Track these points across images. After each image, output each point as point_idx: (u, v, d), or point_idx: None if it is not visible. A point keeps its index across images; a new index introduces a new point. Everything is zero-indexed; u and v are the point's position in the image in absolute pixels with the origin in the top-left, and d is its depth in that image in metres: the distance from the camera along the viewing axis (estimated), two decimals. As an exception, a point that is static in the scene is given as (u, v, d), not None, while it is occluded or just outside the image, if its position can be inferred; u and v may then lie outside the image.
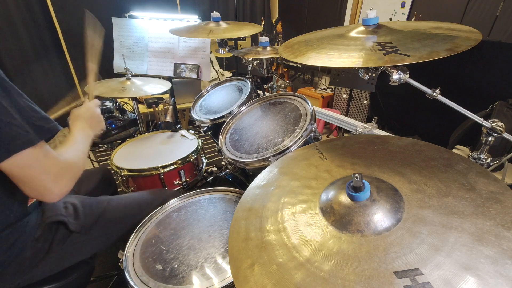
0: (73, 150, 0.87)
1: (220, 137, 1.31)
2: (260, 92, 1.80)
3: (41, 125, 0.71)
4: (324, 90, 3.92)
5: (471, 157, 0.87)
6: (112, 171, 1.43)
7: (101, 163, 2.73)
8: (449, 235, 0.51)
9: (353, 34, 0.85)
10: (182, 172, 1.45)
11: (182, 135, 1.71)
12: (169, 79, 2.18)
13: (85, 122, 0.99)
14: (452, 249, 0.49)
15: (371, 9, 0.85)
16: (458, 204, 0.56)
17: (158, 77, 2.07)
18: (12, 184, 0.70)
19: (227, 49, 1.78)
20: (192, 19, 2.97)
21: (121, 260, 0.89)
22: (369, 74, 0.93)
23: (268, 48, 1.59)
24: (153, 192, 1.23)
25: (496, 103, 1.81)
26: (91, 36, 1.21)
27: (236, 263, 0.57)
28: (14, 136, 0.65)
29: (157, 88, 1.79)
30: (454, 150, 1.88)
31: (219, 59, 3.78)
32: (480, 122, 0.80)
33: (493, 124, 0.79)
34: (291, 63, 4.34)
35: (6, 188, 0.75)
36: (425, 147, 0.75)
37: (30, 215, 0.86)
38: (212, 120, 1.48)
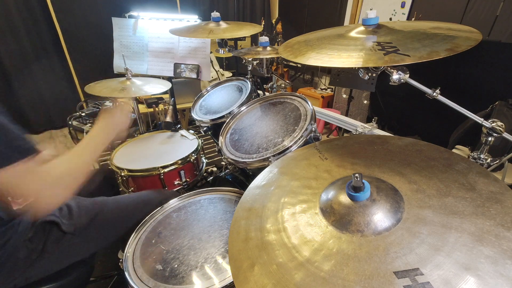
0: (70, 160, 0.84)
1: (220, 137, 1.31)
2: (260, 92, 1.80)
3: (18, 145, 0.69)
4: (324, 90, 3.92)
5: (471, 157, 0.86)
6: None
7: (101, 163, 2.73)
8: (449, 235, 0.51)
9: (353, 34, 0.85)
10: (182, 172, 1.45)
11: (182, 135, 1.71)
12: (169, 79, 2.18)
13: (110, 120, 1.01)
14: (452, 249, 0.49)
15: (371, 9, 0.85)
16: (458, 204, 0.56)
17: (158, 77, 2.07)
18: None
19: (227, 49, 1.78)
20: (192, 19, 2.97)
21: (121, 260, 0.89)
22: (369, 74, 0.93)
23: (268, 48, 1.59)
24: (151, 193, 1.23)
25: (496, 103, 1.81)
26: None
27: (236, 263, 0.57)
28: None
29: (157, 88, 1.78)
30: (454, 150, 1.88)
31: (219, 59, 3.78)
32: (480, 122, 0.80)
33: (493, 124, 0.79)
34: (291, 63, 4.34)
35: None
36: (425, 147, 0.75)
37: (22, 216, 0.86)
38: (212, 120, 1.48)
